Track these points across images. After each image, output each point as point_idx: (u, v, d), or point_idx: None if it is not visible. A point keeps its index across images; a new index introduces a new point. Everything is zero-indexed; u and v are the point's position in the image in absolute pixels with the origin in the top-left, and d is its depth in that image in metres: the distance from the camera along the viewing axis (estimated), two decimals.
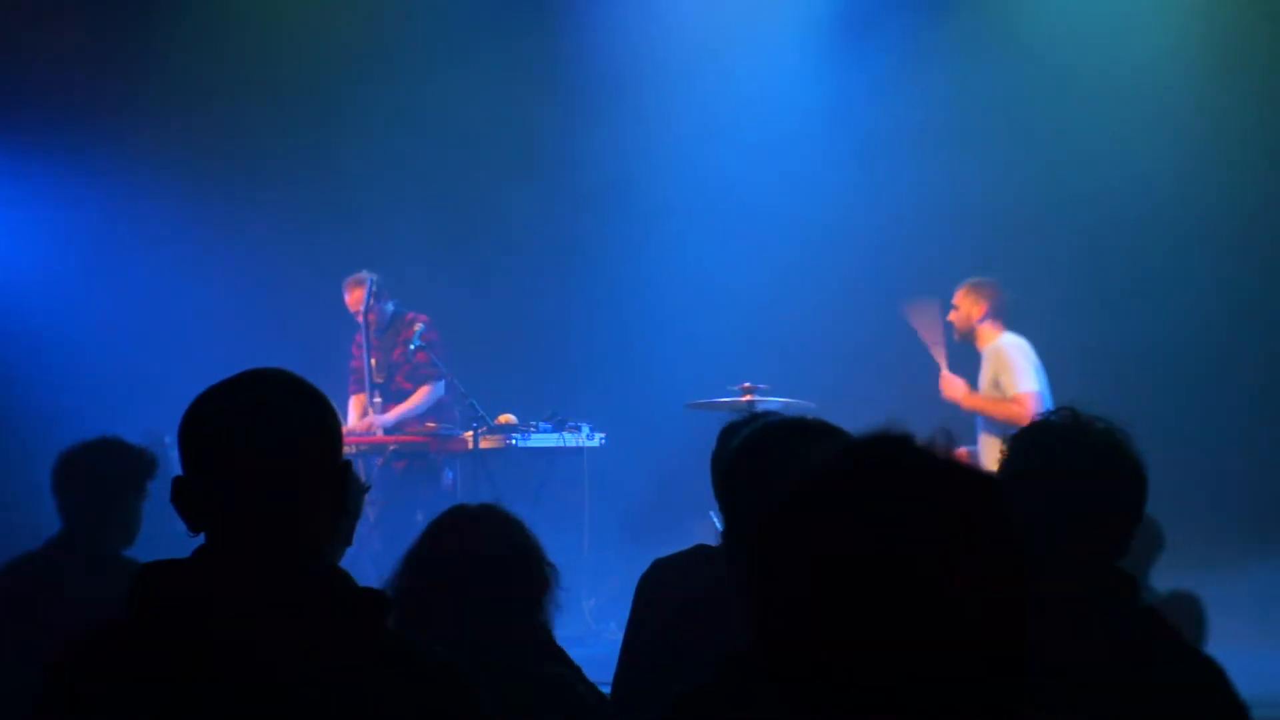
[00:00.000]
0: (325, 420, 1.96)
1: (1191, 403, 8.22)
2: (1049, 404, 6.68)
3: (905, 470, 1.28)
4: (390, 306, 8.26)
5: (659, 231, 9.29)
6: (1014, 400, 6.96)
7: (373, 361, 8.16)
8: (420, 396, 8.18)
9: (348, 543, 3.13)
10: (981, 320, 7.22)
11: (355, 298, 8.19)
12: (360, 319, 8.17)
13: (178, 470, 1.97)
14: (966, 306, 7.28)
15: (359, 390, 8.28)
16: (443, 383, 8.21)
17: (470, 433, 7.88)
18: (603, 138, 9.30)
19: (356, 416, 8.25)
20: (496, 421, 8.03)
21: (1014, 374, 7.03)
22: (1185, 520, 4.92)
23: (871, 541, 1.23)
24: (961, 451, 6.18)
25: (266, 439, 1.90)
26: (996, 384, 7.12)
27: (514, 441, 7.94)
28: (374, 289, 8.13)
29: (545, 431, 8.05)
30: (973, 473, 1.30)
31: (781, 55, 9.26)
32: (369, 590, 1.91)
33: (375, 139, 9.29)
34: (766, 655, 1.28)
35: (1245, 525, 7.82)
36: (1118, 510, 2.22)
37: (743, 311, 9.01)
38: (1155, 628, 2.21)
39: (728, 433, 3.10)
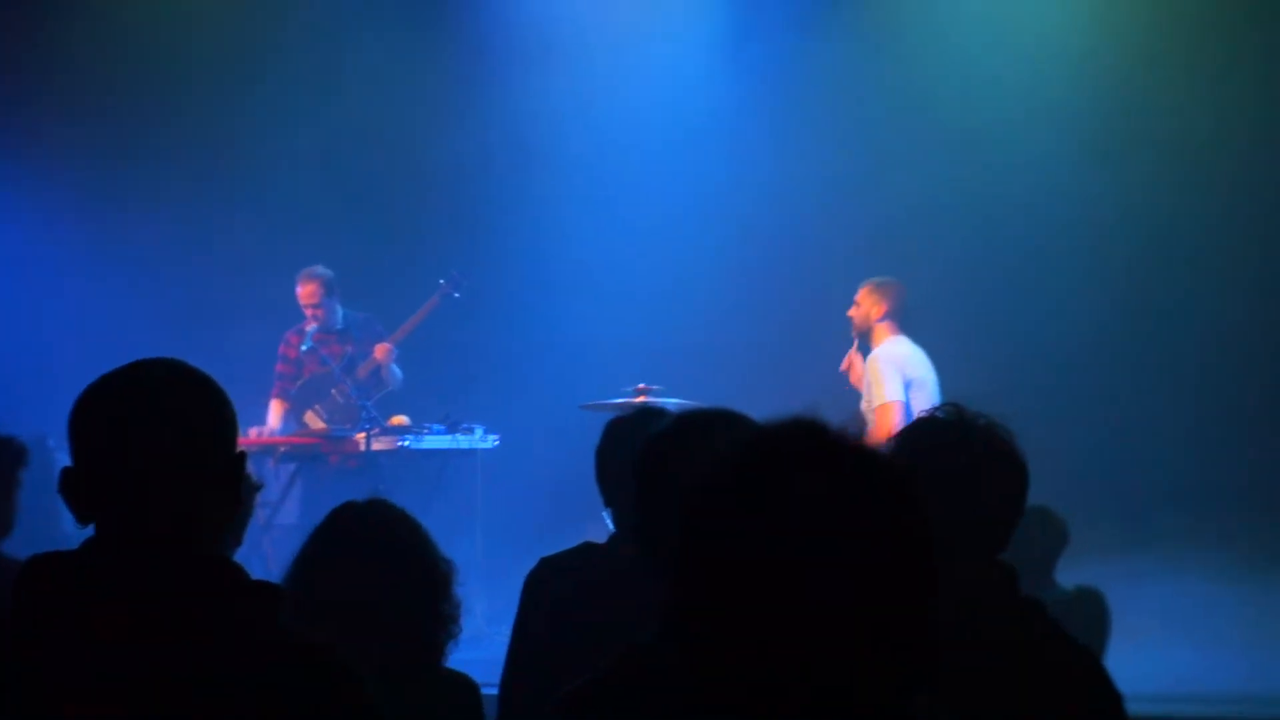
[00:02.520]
0: (220, 409, 1.93)
1: (1081, 399, 8.40)
2: (912, 413, 6.72)
3: (825, 458, 1.28)
4: (339, 308, 8.17)
5: (552, 232, 9.28)
6: (876, 411, 7.05)
7: (323, 353, 8.06)
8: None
9: (239, 542, 3.10)
10: (880, 320, 7.30)
11: (308, 291, 8.06)
12: (309, 313, 8.07)
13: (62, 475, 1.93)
14: (868, 305, 7.35)
15: (282, 395, 8.16)
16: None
17: (363, 434, 7.82)
18: (496, 134, 9.29)
19: (277, 419, 8.15)
20: (389, 423, 7.99)
21: (880, 385, 7.10)
22: (1087, 516, 5.03)
23: (793, 531, 1.24)
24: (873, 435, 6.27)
25: (159, 426, 1.87)
26: (870, 391, 7.22)
27: (407, 443, 7.90)
28: (329, 285, 8.05)
29: (439, 433, 8.02)
30: (890, 460, 1.31)
31: (676, 54, 9.29)
32: (262, 583, 1.89)
33: (268, 136, 9.21)
34: (680, 645, 1.28)
35: (1139, 520, 7.97)
36: (1000, 504, 2.28)
37: (637, 312, 9.03)
38: (1035, 619, 2.26)
39: (613, 429, 3.11)
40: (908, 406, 6.94)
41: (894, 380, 7.09)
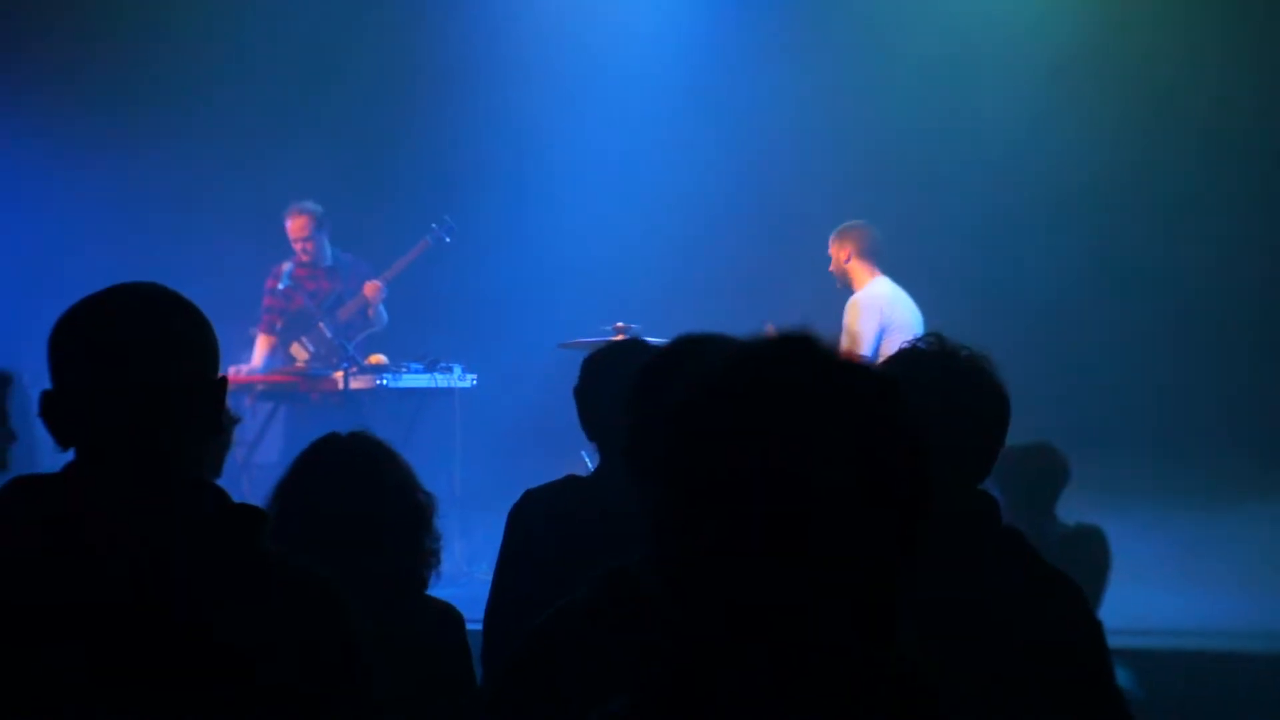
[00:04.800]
0: (202, 333, 1.91)
1: (1055, 340, 8.46)
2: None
3: (817, 368, 1.23)
4: (328, 245, 8.15)
5: (531, 171, 9.26)
6: None
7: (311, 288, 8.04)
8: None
9: (217, 474, 3.09)
10: (848, 261, 7.26)
11: (298, 225, 8.03)
12: (299, 247, 8.04)
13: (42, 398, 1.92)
14: (835, 253, 7.32)
15: (270, 330, 8.13)
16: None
17: (340, 373, 7.80)
18: (474, 74, 9.24)
19: (261, 355, 8.12)
20: (367, 361, 7.97)
21: (848, 334, 7.05)
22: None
23: (783, 448, 1.18)
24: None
25: (140, 349, 1.86)
26: (843, 334, 7.19)
27: (384, 382, 7.88)
28: (319, 220, 8.03)
29: (416, 372, 8.00)
30: (883, 376, 1.27)
31: None
32: (244, 505, 1.89)
33: (254, 74, 9.15)
34: (662, 565, 1.24)
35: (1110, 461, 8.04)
36: (982, 433, 2.28)
37: (615, 250, 9.02)
38: (1017, 548, 2.28)
39: (591, 365, 3.11)
40: (873, 359, 6.88)
41: (869, 330, 7.01)
